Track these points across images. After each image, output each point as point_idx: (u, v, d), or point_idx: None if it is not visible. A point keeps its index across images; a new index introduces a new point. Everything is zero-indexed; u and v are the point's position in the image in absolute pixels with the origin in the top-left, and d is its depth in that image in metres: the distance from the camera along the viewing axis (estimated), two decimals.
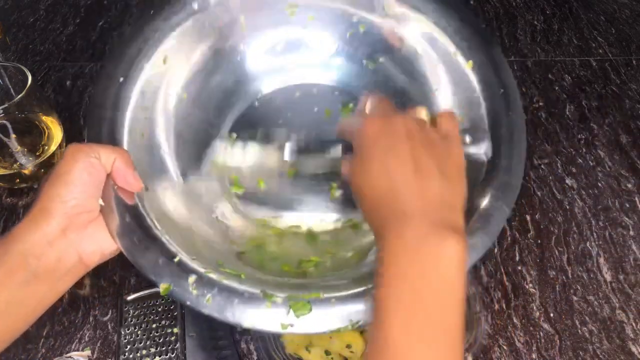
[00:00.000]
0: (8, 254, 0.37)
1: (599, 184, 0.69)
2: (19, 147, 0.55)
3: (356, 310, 0.39)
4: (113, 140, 0.46)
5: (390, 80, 0.57)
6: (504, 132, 0.46)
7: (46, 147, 0.56)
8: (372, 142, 0.38)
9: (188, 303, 0.39)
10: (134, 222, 0.42)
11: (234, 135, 0.56)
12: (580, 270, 0.61)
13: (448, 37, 0.52)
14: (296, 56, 0.59)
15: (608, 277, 0.61)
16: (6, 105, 0.50)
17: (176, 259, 0.41)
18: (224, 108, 0.57)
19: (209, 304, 0.39)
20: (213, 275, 0.40)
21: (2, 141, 0.54)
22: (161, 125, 0.51)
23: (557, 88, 0.81)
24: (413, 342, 0.31)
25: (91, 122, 0.47)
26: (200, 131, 0.55)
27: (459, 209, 0.36)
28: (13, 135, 0.54)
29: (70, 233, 0.38)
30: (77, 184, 0.39)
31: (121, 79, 0.49)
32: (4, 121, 0.53)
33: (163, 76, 0.52)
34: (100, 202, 0.41)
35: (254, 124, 0.56)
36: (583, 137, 0.75)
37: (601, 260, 0.62)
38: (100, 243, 0.40)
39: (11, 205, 0.66)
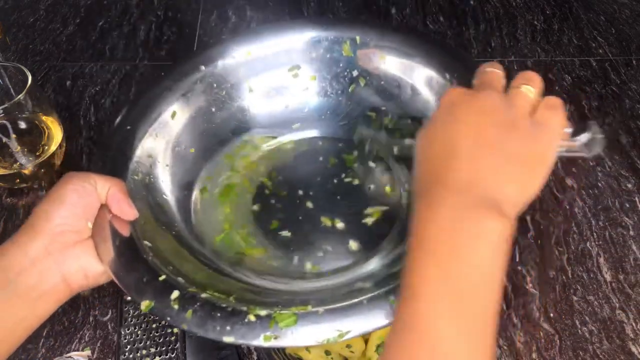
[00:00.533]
0: None
1: (599, 184, 0.69)
2: (19, 147, 0.55)
3: (345, 320, 0.38)
4: (114, 174, 0.47)
5: (394, 127, 0.59)
6: None
7: (46, 147, 0.56)
8: (447, 110, 0.36)
9: (168, 319, 0.38)
10: (124, 246, 0.42)
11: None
12: (580, 270, 0.61)
13: (441, 75, 0.55)
14: (300, 112, 0.62)
15: (608, 277, 0.61)
16: (6, 105, 0.50)
17: (161, 277, 0.40)
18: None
19: (189, 318, 0.38)
20: (197, 293, 0.39)
21: (2, 141, 0.54)
22: (164, 175, 0.54)
23: (557, 88, 0.81)
24: (440, 329, 0.29)
25: (95, 160, 0.50)
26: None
27: (512, 197, 0.32)
28: (13, 135, 0.54)
29: (54, 251, 0.38)
30: (66, 203, 0.39)
31: (128, 127, 0.52)
32: (4, 121, 0.53)
33: (171, 130, 0.56)
34: (89, 224, 0.41)
35: (259, 175, 0.59)
36: None
37: (601, 260, 0.62)
38: (85, 264, 0.40)
39: (11, 205, 0.67)
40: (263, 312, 0.38)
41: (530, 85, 0.37)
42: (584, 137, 0.38)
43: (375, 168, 0.57)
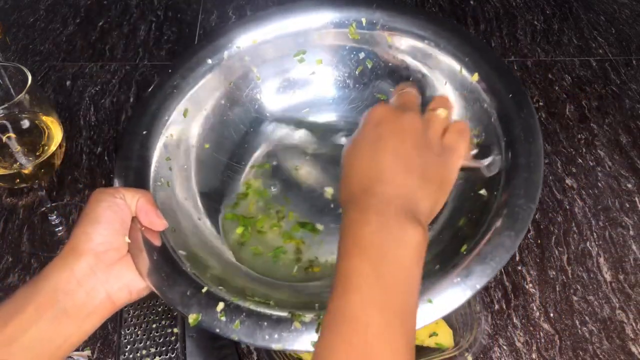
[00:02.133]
0: (38, 291, 0.37)
1: (599, 184, 0.69)
2: (19, 147, 0.55)
3: None
4: (139, 186, 0.48)
5: None
6: (518, 133, 0.47)
7: (46, 147, 0.56)
8: (372, 126, 0.40)
9: (217, 331, 0.39)
10: (162, 259, 0.42)
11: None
12: (580, 270, 0.61)
13: (450, 56, 0.54)
14: (309, 98, 0.61)
15: (608, 277, 0.61)
16: (6, 105, 0.50)
17: (204, 290, 0.41)
18: (244, 154, 0.59)
19: (238, 329, 0.39)
20: (240, 302, 0.41)
21: (2, 141, 0.54)
22: (185, 175, 0.54)
23: (557, 88, 0.81)
24: (371, 316, 0.32)
25: (118, 173, 0.49)
26: (222, 177, 0.57)
27: (426, 211, 0.37)
28: (13, 135, 0.54)
29: (99, 271, 0.39)
30: (102, 222, 0.40)
31: (144, 132, 0.52)
32: (4, 121, 0.53)
33: (185, 128, 0.55)
34: (127, 239, 0.42)
35: (274, 167, 0.59)
36: (583, 137, 0.75)
37: (601, 260, 0.62)
38: (128, 281, 0.41)
39: (11, 205, 0.67)
40: (307, 319, 0.39)
41: (442, 108, 0.42)
42: (486, 161, 0.45)
43: None
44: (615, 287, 0.60)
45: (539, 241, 0.64)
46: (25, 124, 0.55)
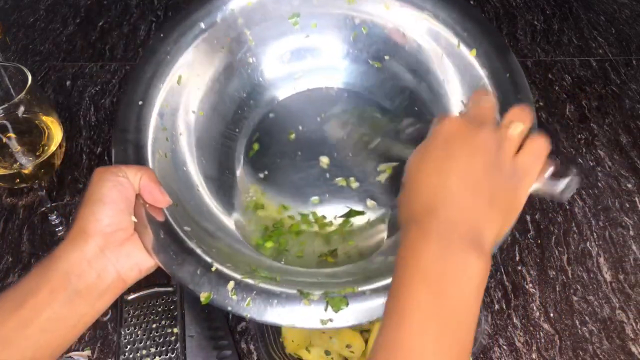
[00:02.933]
0: (50, 274, 0.38)
1: (599, 184, 0.69)
2: (19, 147, 0.55)
3: None
4: (139, 160, 0.48)
5: (397, 77, 0.58)
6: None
7: (46, 147, 0.55)
8: (443, 141, 0.38)
9: (229, 309, 0.40)
10: (168, 237, 0.43)
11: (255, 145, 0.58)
12: (580, 270, 0.61)
13: (449, 29, 0.53)
14: (304, 62, 0.60)
15: (608, 277, 0.61)
16: (6, 105, 0.50)
17: (213, 268, 0.42)
18: (241, 119, 0.59)
19: (249, 307, 0.40)
20: (250, 280, 0.42)
21: (2, 141, 0.54)
22: (182, 144, 0.53)
23: (557, 88, 0.81)
24: (427, 350, 0.31)
25: (117, 146, 0.48)
26: (220, 144, 0.57)
27: (490, 239, 0.35)
28: (13, 135, 0.54)
29: (108, 252, 0.39)
30: (108, 202, 0.40)
31: (140, 103, 0.51)
32: (4, 121, 0.53)
33: (179, 96, 0.54)
34: (133, 218, 0.42)
35: (271, 131, 0.58)
36: (583, 137, 0.75)
37: (601, 260, 0.62)
38: (137, 260, 0.41)
39: (11, 205, 0.67)
40: (315, 297, 0.40)
41: (520, 123, 0.38)
42: (561, 185, 0.39)
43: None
44: (615, 287, 0.60)
45: (539, 241, 0.64)
46: (25, 124, 0.55)
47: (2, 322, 0.36)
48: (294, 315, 0.40)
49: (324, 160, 0.55)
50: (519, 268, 0.61)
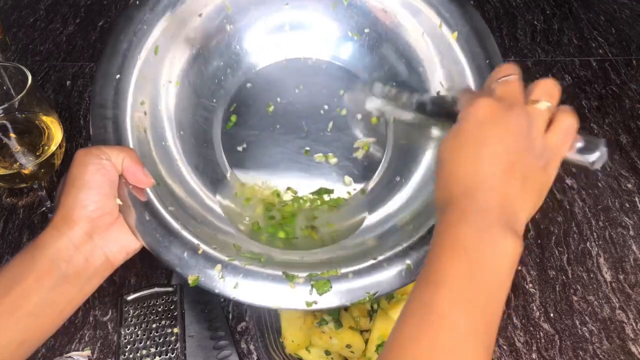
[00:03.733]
0: (36, 261, 0.38)
1: (599, 184, 0.69)
2: (19, 147, 0.55)
3: (372, 282, 0.43)
4: (119, 138, 0.47)
5: (376, 51, 0.58)
6: None
7: (46, 147, 0.56)
8: (476, 124, 0.38)
9: (217, 291, 0.41)
10: (154, 219, 0.43)
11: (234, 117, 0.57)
12: (580, 270, 0.61)
13: (432, 9, 0.53)
14: (283, 32, 0.59)
15: (608, 277, 0.61)
16: (6, 105, 0.50)
17: (200, 251, 0.42)
18: (219, 90, 0.58)
19: (236, 290, 0.41)
20: (237, 262, 0.42)
21: (2, 141, 0.54)
22: (160, 118, 0.52)
23: None
24: (459, 316, 0.32)
25: (95, 123, 0.48)
26: (198, 115, 0.56)
27: (523, 221, 0.37)
28: (13, 135, 0.54)
29: (96, 236, 0.40)
30: (93, 187, 0.40)
31: (117, 76, 0.50)
32: (4, 121, 0.53)
33: (157, 67, 0.52)
34: (118, 201, 0.42)
35: (248, 103, 0.57)
36: None
37: (601, 260, 0.62)
38: (124, 242, 0.42)
39: (11, 205, 0.67)
40: (300, 280, 0.42)
41: (546, 100, 0.39)
42: (593, 156, 0.39)
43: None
44: (615, 287, 0.60)
45: (539, 241, 0.64)
46: (25, 124, 0.55)
47: None
48: (280, 298, 0.41)
49: (307, 149, 0.55)
50: (519, 268, 0.61)
